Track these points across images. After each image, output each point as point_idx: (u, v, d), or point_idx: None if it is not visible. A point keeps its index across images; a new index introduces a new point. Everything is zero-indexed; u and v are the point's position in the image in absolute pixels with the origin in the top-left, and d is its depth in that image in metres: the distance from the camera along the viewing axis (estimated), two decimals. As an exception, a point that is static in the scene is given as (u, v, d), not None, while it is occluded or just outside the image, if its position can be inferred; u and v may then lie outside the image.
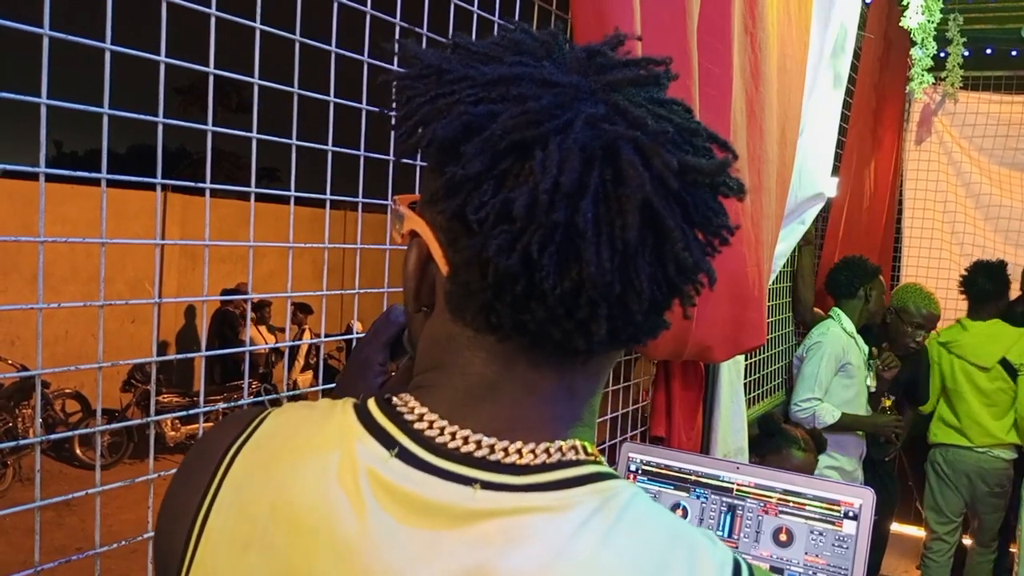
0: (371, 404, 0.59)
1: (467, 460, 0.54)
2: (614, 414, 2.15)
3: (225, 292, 7.55)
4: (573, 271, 0.50)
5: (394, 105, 0.57)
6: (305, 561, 0.54)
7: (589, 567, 0.51)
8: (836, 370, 3.43)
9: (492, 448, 0.55)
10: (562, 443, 0.56)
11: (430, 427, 0.56)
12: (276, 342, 7.97)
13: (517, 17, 1.64)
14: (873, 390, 3.60)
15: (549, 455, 0.55)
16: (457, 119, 0.52)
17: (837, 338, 3.46)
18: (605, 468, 0.57)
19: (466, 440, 0.55)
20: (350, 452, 0.56)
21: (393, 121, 0.58)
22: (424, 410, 0.57)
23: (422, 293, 0.59)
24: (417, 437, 0.56)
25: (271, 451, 0.59)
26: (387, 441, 0.56)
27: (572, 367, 0.57)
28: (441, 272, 0.56)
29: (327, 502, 0.54)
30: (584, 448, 0.57)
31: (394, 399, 0.59)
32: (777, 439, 2.49)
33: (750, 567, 0.56)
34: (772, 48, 2.15)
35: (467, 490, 0.53)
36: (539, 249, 0.49)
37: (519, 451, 0.55)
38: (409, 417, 0.57)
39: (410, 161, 1.20)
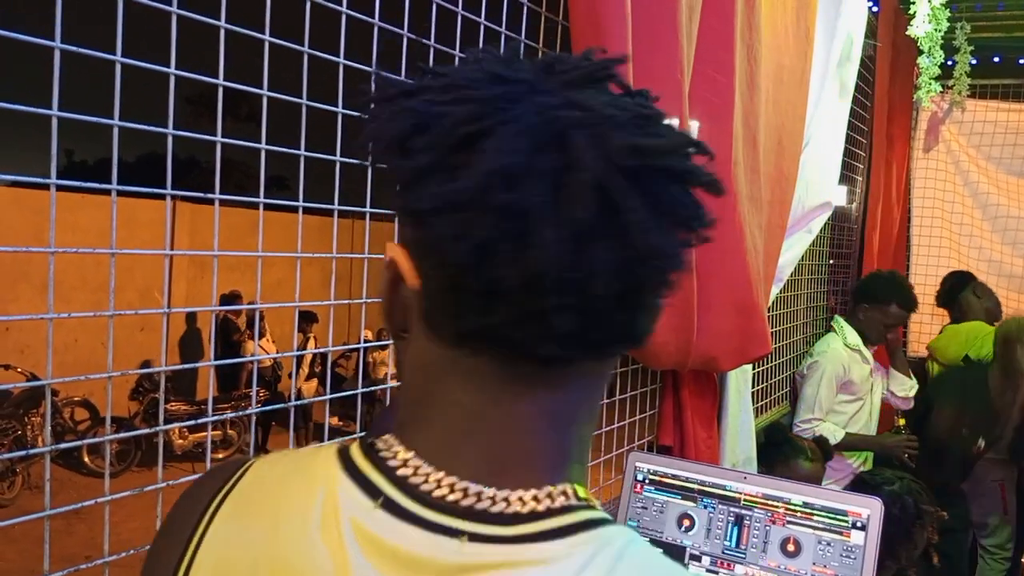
0: (354, 450, 0.57)
1: (453, 510, 0.52)
2: (621, 423, 2.15)
3: (223, 299, 7.58)
4: (528, 258, 0.47)
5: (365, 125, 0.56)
6: None
7: None
8: (837, 389, 3.34)
9: (479, 496, 0.52)
10: (551, 488, 0.53)
11: (415, 473, 0.54)
12: (276, 352, 7.99)
13: (524, 27, 1.65)
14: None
15: (538, 502, 0.52)
16: (407, 117, 0.51)
17: (837, 356, 3.35)
18: (599, 513, 0.54)
19: (452, 488, 0.53)
20: (333, 503, 0.54)
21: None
22: (409, 455, 0.55)
23: (395, 315, 0.57)
24: (401, 485, 0.54)
25: (254, 504, 0.58)
26: (371, 490, 0.54)
27: (549, 385, 0.54)
28: (413, 290, 0.54)
29: (311, 557, 0.53)
30: (575, 492, 0.54)
31: (378, 443, 0.57)
32: (784, 448, 2.47)
33: None
34: (764, 58, 2.15)
35: (454, 543, 0.51)
36: (489, 235, 0.47)
37: (506, 499, 0.52)
38: (393, 463, 0.55)
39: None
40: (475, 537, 0.51)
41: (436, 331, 0.54)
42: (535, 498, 0.53)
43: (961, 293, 4.05)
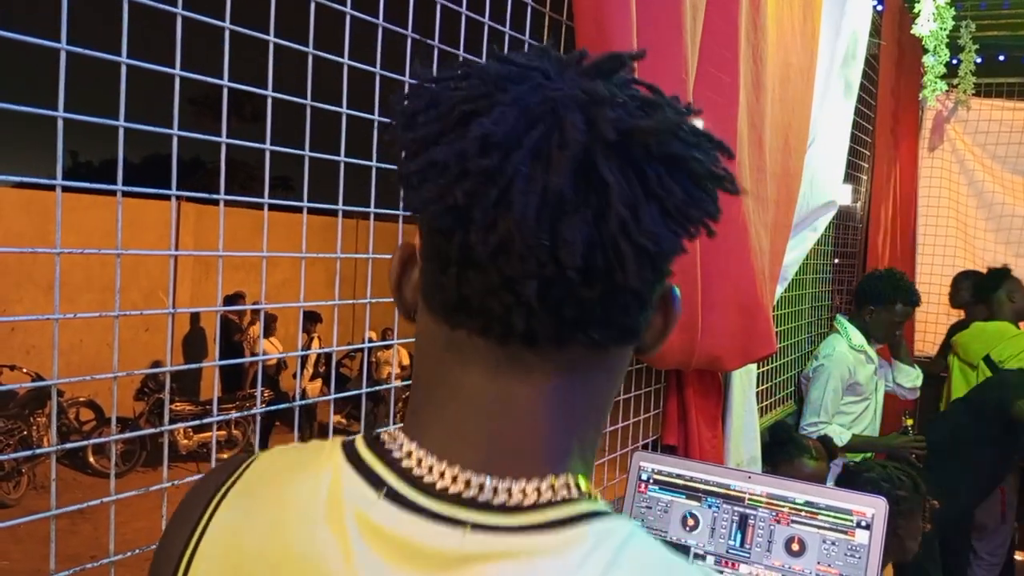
0: (358, 442, 0.58)
1: (457, 500, 0.52)
2: (625, 423, 2.15)
3: (226, 300, 7.59)
4: (500, 223, 0.47)
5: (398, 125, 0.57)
6: None
7: None
8: (843, 392, 3.33)
9: (481, 488, 0.53)
10: (553, 479, 0.53)
11: (418, 465, 0.54)
12: (282, 351, 8.00)
13: (528, 28, 1.65)
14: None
15: (540, 494, 0.53)
16: (423, 95, 0.52)
17: (842, 359, 3.33)
18: (600, 505, 0.54)
19: (455, 479, 0.53)
20: (337, 493, 0.54)
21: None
22: (412, 446, 0.55)
23: (403, 291, 0.59)
24: (406, 476, 0.54)
25: (258, 495, 0.58)
26: (375, 481, 0.54)
27: (545, 371, 0.53)
28: (419, 269, 0.56)
29: (314, 546, 0.53)
30: (578, 485, 0.54)
31: (383, 436, 0.58)
32: (789, 448, 2.47)
33: None
34: (770, 58, 2.15)
35: (457, 533, 0.51)
36: (465, 197, 0.48)
37: (509, 490, 0.53)
38: (397, 455, 0.55)
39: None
40: (478, 527, 0.51)
41: (431, 308, 0.55)
42: (537, 489, 0.53)
43: (995, 292, 4.01)
